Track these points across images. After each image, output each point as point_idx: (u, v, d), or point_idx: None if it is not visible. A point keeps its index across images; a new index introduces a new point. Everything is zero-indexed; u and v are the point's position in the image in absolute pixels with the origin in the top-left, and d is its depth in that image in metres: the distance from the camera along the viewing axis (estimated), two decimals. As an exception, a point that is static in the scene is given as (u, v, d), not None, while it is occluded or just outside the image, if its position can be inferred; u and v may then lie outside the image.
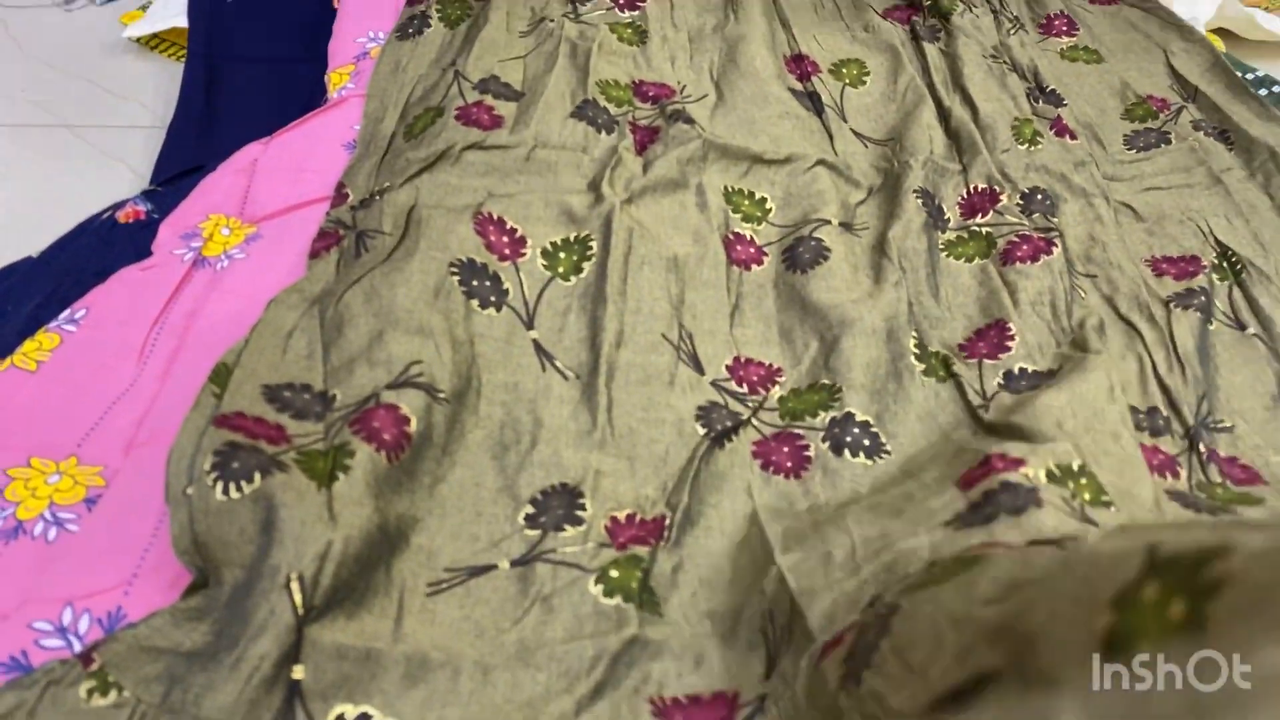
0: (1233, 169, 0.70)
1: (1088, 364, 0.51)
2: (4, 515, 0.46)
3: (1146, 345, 0.57)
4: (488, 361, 0.52)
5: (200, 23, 0.81)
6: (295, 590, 0.38)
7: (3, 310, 0.60)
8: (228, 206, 0.64)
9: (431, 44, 0.73)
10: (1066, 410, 0.48)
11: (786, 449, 0.50)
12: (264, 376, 0.48)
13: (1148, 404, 0.54)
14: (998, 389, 0.53)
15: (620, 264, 0.56)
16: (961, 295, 0.59)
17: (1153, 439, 0.52)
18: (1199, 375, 0.56)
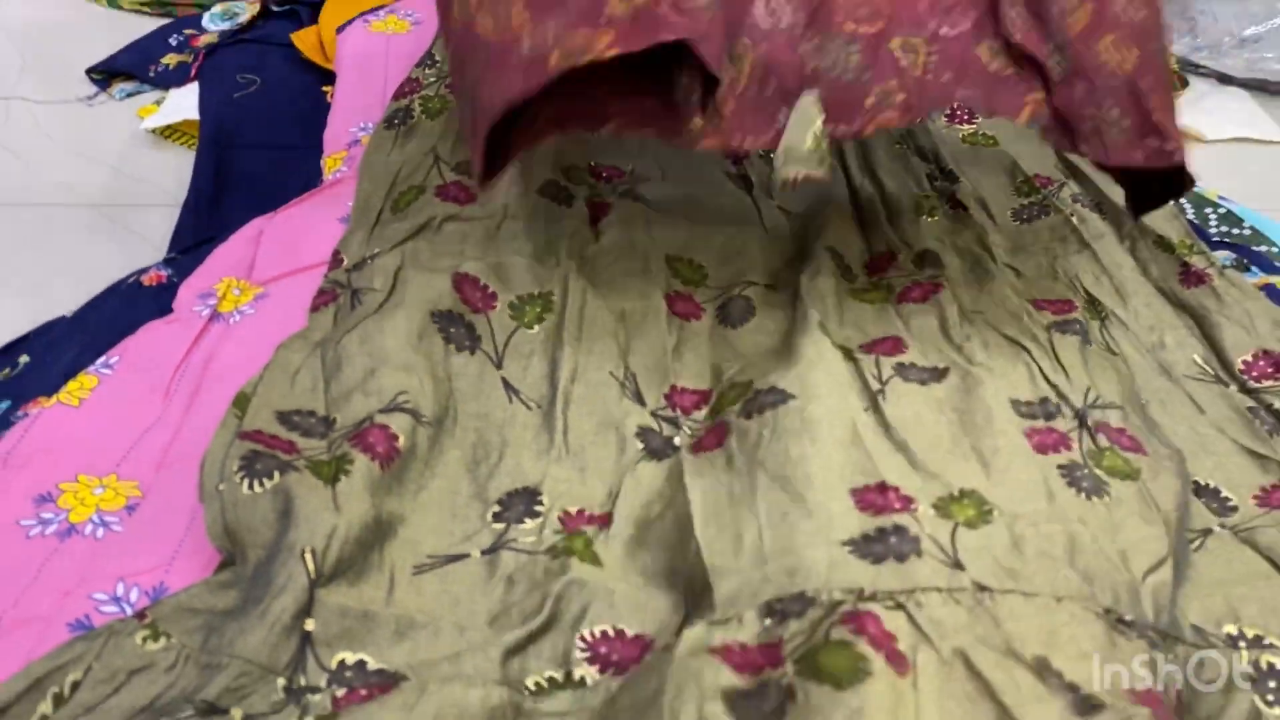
0: (1104, 235, 0.81)
1: (973, 373, 0.61)
2: (59, 519, 0.55)
3: (1032, 356, 0.66)
4: (462, 395, 0.62)
5: (210, 115, 0.92)
6: (309, 560, 0.47)
7: (44, 359, 0.69)
8: (238, 271, 0.75)
9: (414, 133, 0.85)
10: (954, 418, 0.58)
11: (713, 435, 0.59)
12: (276, 404, 0.58)
13: (1039, 395, 0.62)
14: (893, 373, 0.62)
15: (576, 316, 0.67)
16: (864, 322, 0.69)
17: (1046, 422, 0.59)
18: (1082, 376, 0.64)
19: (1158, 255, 0.79)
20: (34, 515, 0.55)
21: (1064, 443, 0.58)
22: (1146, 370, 0.70)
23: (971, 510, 0.52)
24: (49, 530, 0.54)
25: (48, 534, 0.54)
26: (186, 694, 0.43)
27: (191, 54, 1.00)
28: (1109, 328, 0.72)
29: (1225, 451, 0.64)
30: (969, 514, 0.52)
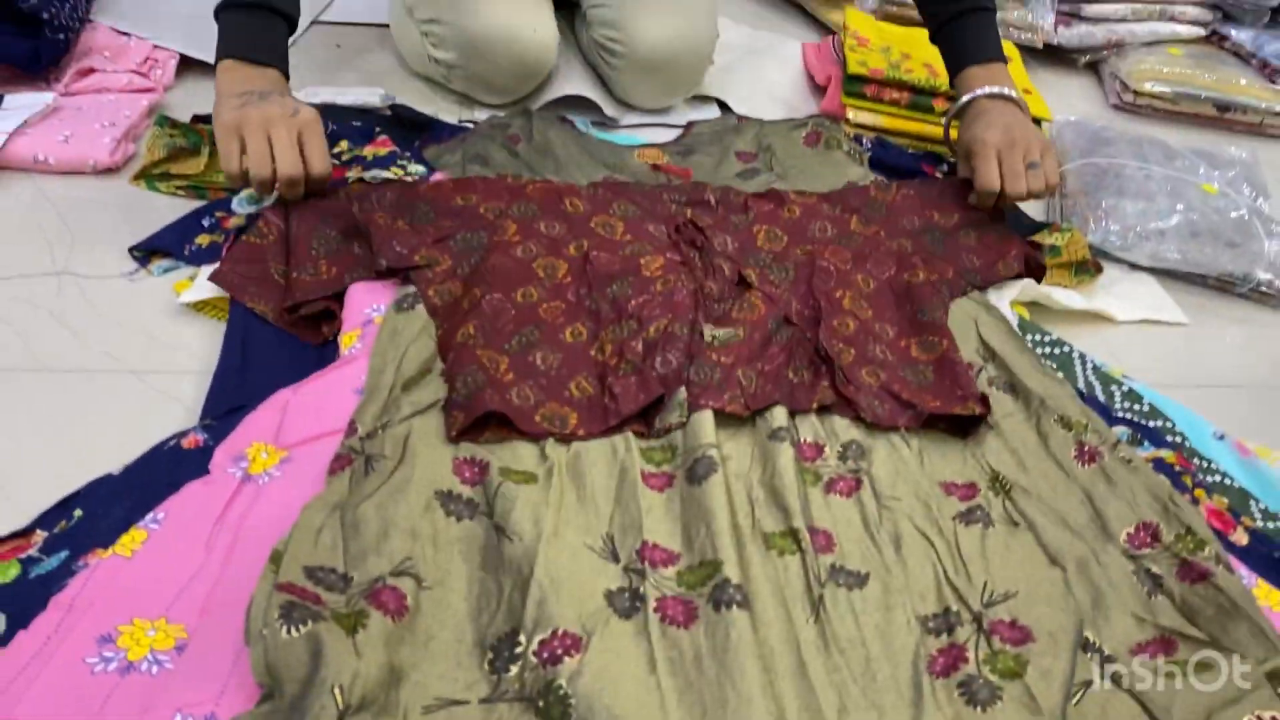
0: (1013, 414, 0.95)
1: (890, 586, 0.74)
2: (119, 658, 0.65)
3: (938, 554, 0.79)
4: (466, 555, 0.73)
5: (241, 293, 1.05)
6: (337, 695, 0.57)
7: (96, 513, 0.80)
8: (266, 436, 0.86)
9: (420, 316, 0.98)
10: (875, 638, 0.71)
11: (681, 608, 0.71)
12: (303, 560, 0.69)
13: (942, 605, 0.75)
14: (828, 576, 0.75)
15: (559, 487, 0.79)
16: (809, 505, 0.81)
17: (948, 638, 0.73)
18: (979, 571, 0.78)
19: (1057, 431, 0.92)
20: (97, 654, 0.65)
21: (962, 657, 0.71)
22: (1051, 525, 0.82)
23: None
24: (110, 667, 0.65)
25: (109, 670, 0.64)
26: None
27: (222, 234, 1.13)
28: (1013, 497, 0.84)
29: (1112, 607, 0.76)
30: None
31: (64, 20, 1.34)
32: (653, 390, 0.87)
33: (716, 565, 0.73)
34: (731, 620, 0.69)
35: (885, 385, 0.95)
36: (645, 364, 0.90)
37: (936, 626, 0.73)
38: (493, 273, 0.99)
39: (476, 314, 0.95)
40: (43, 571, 0.74)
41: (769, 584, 0.72)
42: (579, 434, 0.85)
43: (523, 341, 0.93)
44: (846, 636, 0.71)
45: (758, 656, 0.67)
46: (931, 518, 0.82)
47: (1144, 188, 1.41)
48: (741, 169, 1.30)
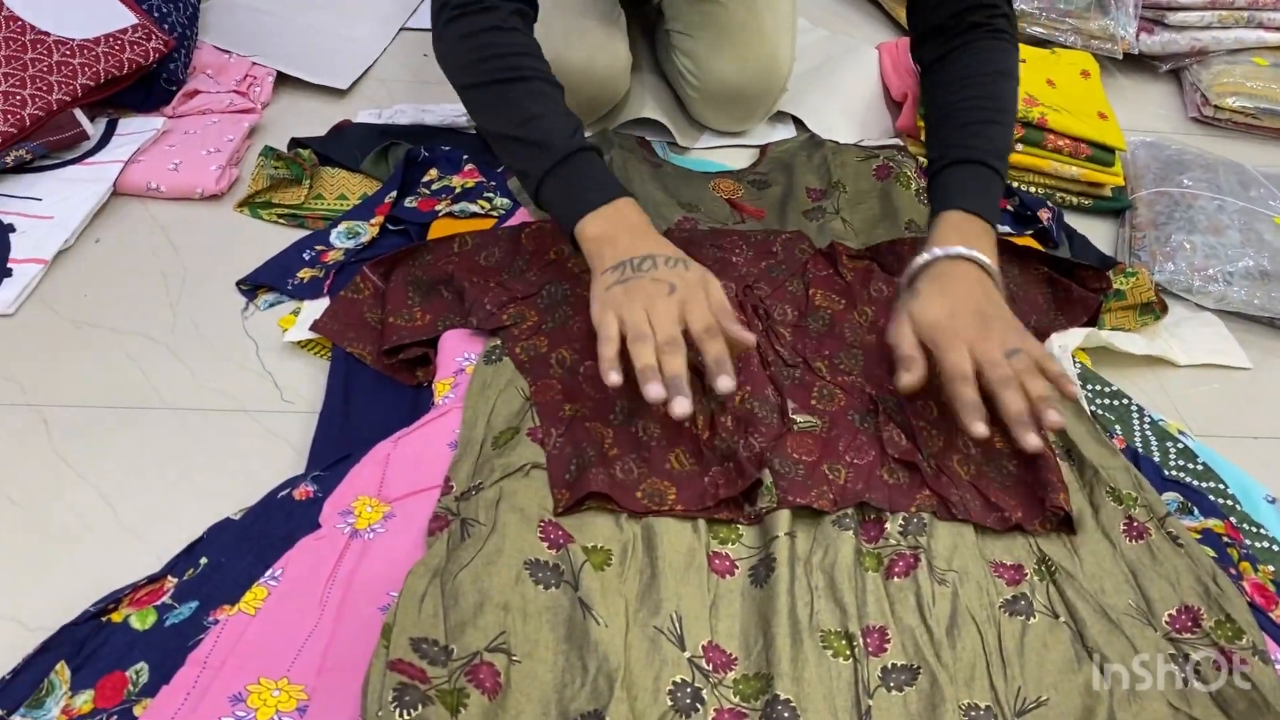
0: (1068, 482, 0.99)
1: (938, 680, 0.79)
2: (249, 717, 0.74)
3: (985, 645, 0.84)
4: (552, 625, 0.80)
5: (341, 336, 1.12)
6: (447, 779, 0.66)
7: (219, 562, 0.89)
8: (369, 490, 0.94)
9: (508, 368, 1.05)
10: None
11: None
12: (410, 631, 0.77)
13: (984, 700, 0.81)
14: (879, 682, 0.81)
15: (635, 566, 0.86)
16: (864, 601, 0.87)
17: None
18: (1016, 673, 0.83)
19: (1108, 504, 0.97)
20: (231, 713, 0.75)
21: None
22: (1091, 615, 0.87)
23: None
24: (243, 727, 0.74)
25: (242, 731, 0.74)
26: None
27: (323, 269, 1.21)
28: (1058, 583, 0.90)
29: (1148, 696, 0.81)
30: None
31: (179, 75, 1.43)
32: (749, 476, 0.93)
33: (770, 679, 0.79)
34: None
35: (974, 480, 0.97)
36: (737, 442, 0.95)
37: (977, 718, 0.79)
38: (580, 336, 1.05)
39: (578, 386, 1.01)
40: (177, 621, 0.83)
41: (820, 693, 0.78)
42: (677, 509, 0.91)
43: (625, 410, 0.99)
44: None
45: None
46: (982, 601, 0.87)
47: (1215, 221, 1.43)
48: (810, 207, 1.33)
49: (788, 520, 0.92)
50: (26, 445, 1.01)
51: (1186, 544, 0.93)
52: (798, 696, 0.78)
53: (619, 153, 1.38)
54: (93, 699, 0.78)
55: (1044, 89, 1.57)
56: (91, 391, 1.07)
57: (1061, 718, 0.79)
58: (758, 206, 1.33)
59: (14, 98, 1.25)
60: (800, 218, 1.31)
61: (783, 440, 0.99)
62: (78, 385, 1.07)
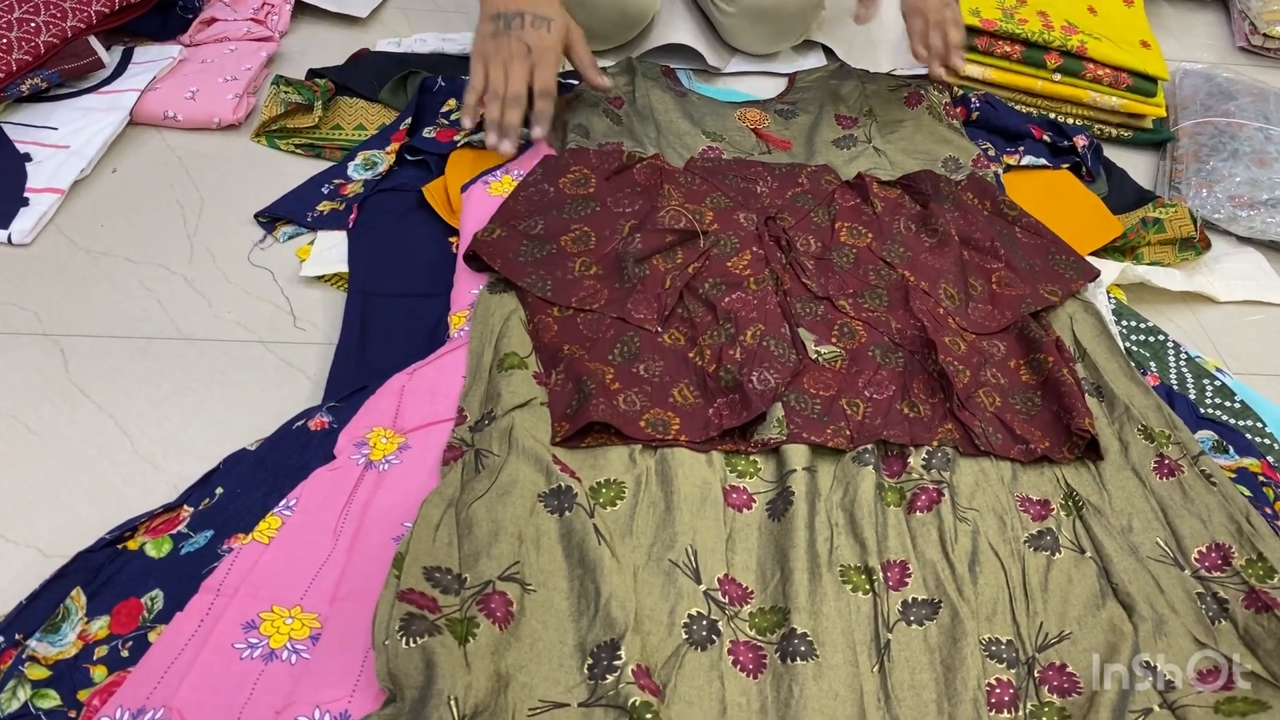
0: (1096, 419, 0.97)
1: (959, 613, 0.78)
2: (262, 645, 0.74)
3: (1008, 578, 0.83)
4: (567, 552, 0.79)
5: (356, 269, 1.11)
6: (453, 706, 0.65)
7: (235, 492, 0.88)
8: (385, 421, 0.94)
9: (512, 299, 1.03)
10: (941, 675, 0.75)
11: (751, 655, 0.77)
12: (423, 560, 0.76)
13: (1006, 637, 0.79)
14: (898, 616, 0.80)
15: (647, 501, 0.85)
16: (885, 535, 0.85)
17: (1007, 671, 0.77)
18: (1039, 608, 0.81)
19: (1138, 441, 0.94)
20: (244, 639, 0.74)
21: (1013, 703, 0.75)
22: (1118, 551, 0.85)
23: None
24: (255, 654, 0.74)
25: (254, 657, 0.73)
26: (369, 808, 0.61)
27: (342, 201, 1.19)
28: (1085, 518, 0.87)
29: (1175, 633, 0.79)
30: None
31: (195, 2, 1.41)
32: (755, 406, 0.91)
33: (787, 613, 0.78)
34: (795, 674, 0.74)
35: (999, 413, 0.96)
36: (744, 375, 0.94)
37: (998, 653, 0.78)
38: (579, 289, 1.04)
39: (575, 329, 1.00)
40: (192, 549, 0.83)
41: (838, 628, 0.77)
42: (680, 440, 0.90)
43: (625, 351, 0.98)
44: (908, 684, 0.76)
45: (819, 709, 0.73)
46: (1005, 537, 0.86)
47: (1261, 152, 1.38)
48: (839, 135, 1.30)
49: (806, 455, 0.90)
50: (43, 374, 1.00)
51: (1220, 482, 0.91)
52: (815, 630, 0.77)
53: (642, 81, 1.35)
54: (108, 625, 0.78)
55: (1084, 16, 1.52)
56: (108, 322, 1.06)
57: (1085, 653, 0.78)
58: (784, 138, 1.30)
59: (28, 25, 1.23)
60: (829, 147, 1.28)
61: (800, 376, 0.97)
62: (94, 315, 1.07)
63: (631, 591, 0.78)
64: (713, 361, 0.97)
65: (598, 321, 1.01)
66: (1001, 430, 0.95)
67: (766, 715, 0.73)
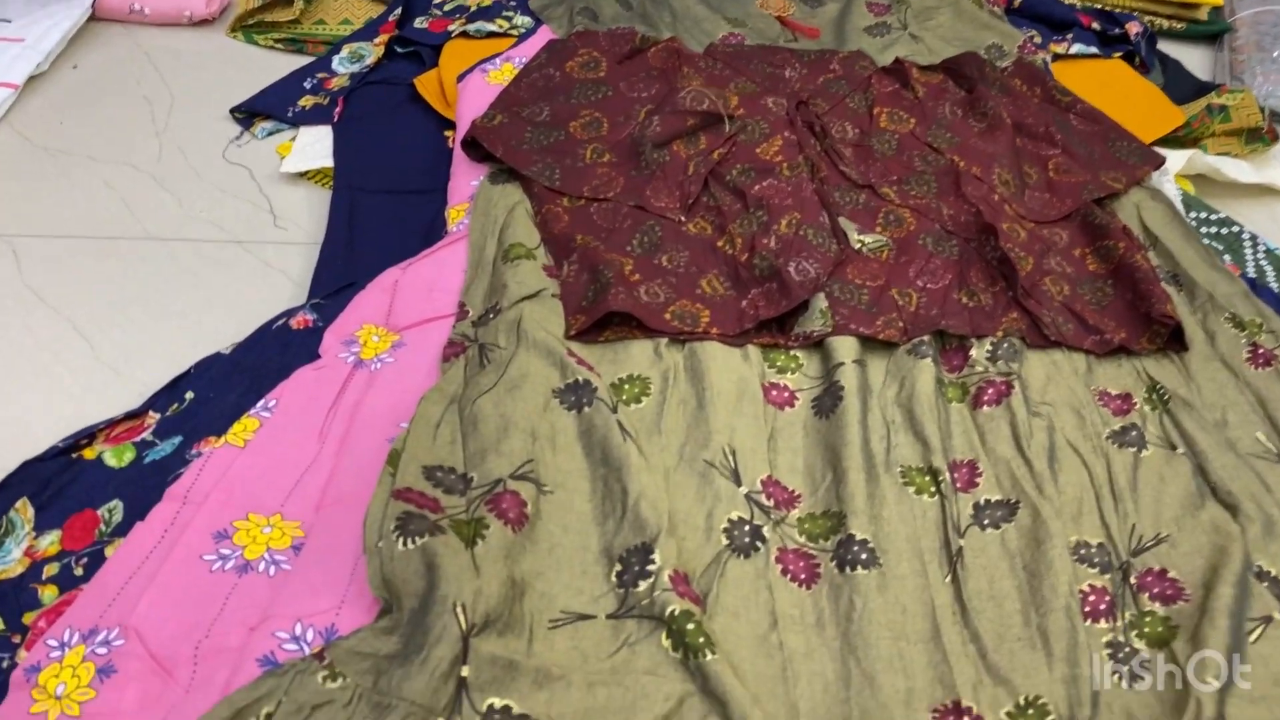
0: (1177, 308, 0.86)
1: (1041, 513, 0.68)
2: (235, 555, 0.64)
3: (1092, 477, 0.72)
4: (588, 450, 0.69)
5: (342, 163, 1.00)
6: (460, 614, 0.55)
7: (207, 396, 0.78)
8: (377, 318, 0.83)
9: (515, 191, 0.92)
10: (1024, 581, 0.65)
11: (802, 563, 0.66)
12: (422, 459, 0.66)
13: (1095, 540, 0.69)
14: (970, 521, 0.69)
15: (676, 397, 0.74)
16: (949, 434, 0.75)
17: (1100, 576, 0.67)
18: (1129, 509, 0.71)
19: (1226, 330, 0.83)
20: (214, 550, 0.64)
21: (1110, 612, 0.64)
22: (1214, 447, 0.74)
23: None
24: (228, 565, 0.63)
25: (227, 569, 0.63)
26: (363, 730, 0.51)
27: (326, 95, 1.08)
28: (1172, 411, 0.77)
29: (1283, 533, 0.69)
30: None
31: None
32: (795, 295, 0.81)
33: (842, 518, 0.68)
34: (856, 585, 0.64)
35: (1068, 303, 0.85)
36: (781, 263, 0.83)
37: (1088, 557, 0.68)
38: (594, 178, 0.93)
39: (588, 219, 0.89)
40: (157, 457, 0.73)
41: (902, 534, 0.67)
42: (711, 333, 0.80)
43: (645, 242, 0.87)
44: (987, 594, 0.65)
45: (885, 624, 0.62)
46: (1086, 433, 0.75)
47: (1328, 41, 1.26)
48: (872, 22, 1.18)
49: (855, 347, 0.79)
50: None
51: (1319, 371, 0.80)
52: (876, 536, 0.67)
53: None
54: (59, 540, 0.68)
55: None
56: (66, 221, 0.95)
57: (1187, 558, 0.67)
58: (812, 25, 1.18)
59: (-25, -95, 1.12)
60: (861, 35, 1.16)
61: (842, 267, 0.86)
62: (51, 215, 0.96)
63: (663, 492, 0.67)
64: (744, 250, 0.86)
65: (613, 211, 0.90)
66: (1072, 320, 0.84)
67: (824, 629, 0.63)
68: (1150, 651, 0.62)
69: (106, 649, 0.58)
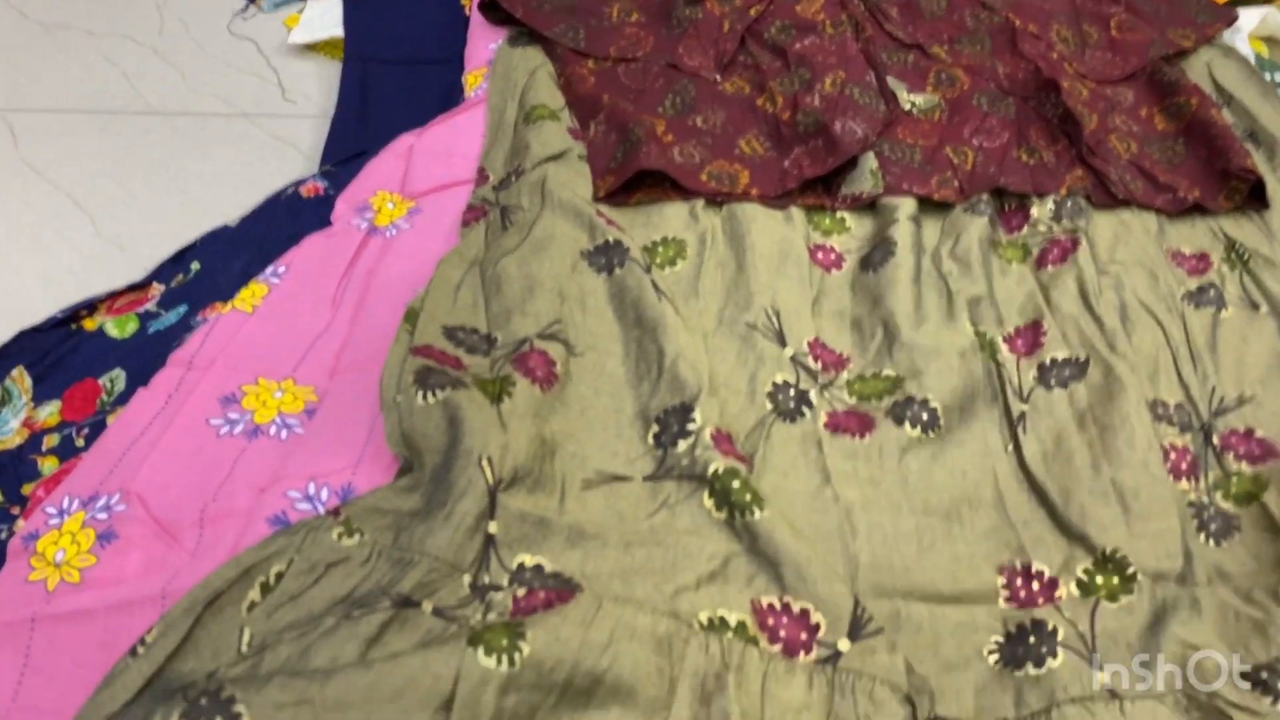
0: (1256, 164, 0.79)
1: (1115, 369, 0.62)
2: (244, 420, 0.59)
3: (1169, 339, 0.67)
4: (620, 312, 0.63)
5: (353, 33, 0.94)
6: (486, 467, 0.50)
7: (214, 266, 0.73)
8: (391, 185, 0.77)
9: (537, 54, 0.85)
10: (1095, 437, 0.59)
11: (855, 419, 0.61)
12: (442, 319, 0.61)
13: (1175, 400, 0.63)
14: (1034, 382, 0.64)
15: (714, 259, 0.69)
16: (1009, 297, 0.69)
17: (1180, 435, 0.61)
18: (1209, 370, 0.65)
19: (1308, 182, 0.77)
20: (222, 415, 0.59)
21: (1194, 471, 0.59)
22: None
23: (1115, 579, 0.54)
24: (237, 430, 0.59)
25: (236, 434, 0.58)
26: (381, 587, 0.47)
27: (333, -36, 1.01)
28: (1253, 270, 0.71)
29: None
30: (1111, 584, 0.53)
31: None
32: (843, 151, 0.74)
33: (897, 380, 0.63)
34: (913, 445, 0.59)
35: (1136, 160, 0.79)
36: (828, 119, 0.77)
37: (1167, 416, 0.62)
38: (619, 36, 0.86)
39: (615, 78, 0.83)
40: (161, 327, 0.68)
41: (960, 395, 0.62)
42: (751, 194, 0.74)
43: (678, 103, 0.81)
44: (1054, 454, 0.59)
45: (945, 486, 0.57)
46: (1159, 293, 0.69)
47: None
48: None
49: (911, 205, 0.73)
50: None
51: None
52: (932, 398, 0.62)
53: None
54: (59, 410, 0.64)
55: None
56: (65, 96, 0.90)
57: (1276, 417, 0.62)
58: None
59: None
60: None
61: (892, 126, 0.79)
62: (48, 89, 0.91)
63: (702, 353, 0.62)
64: (786, 108, 0.79)
65: (643, 71, 0.84)
66: (1141, 178, 0.78)
67: (880, 485, 0.58)
68: (1237, 509, 0.57)
69: (107, 515, 0.54)
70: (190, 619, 0.46)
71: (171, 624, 0.46)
